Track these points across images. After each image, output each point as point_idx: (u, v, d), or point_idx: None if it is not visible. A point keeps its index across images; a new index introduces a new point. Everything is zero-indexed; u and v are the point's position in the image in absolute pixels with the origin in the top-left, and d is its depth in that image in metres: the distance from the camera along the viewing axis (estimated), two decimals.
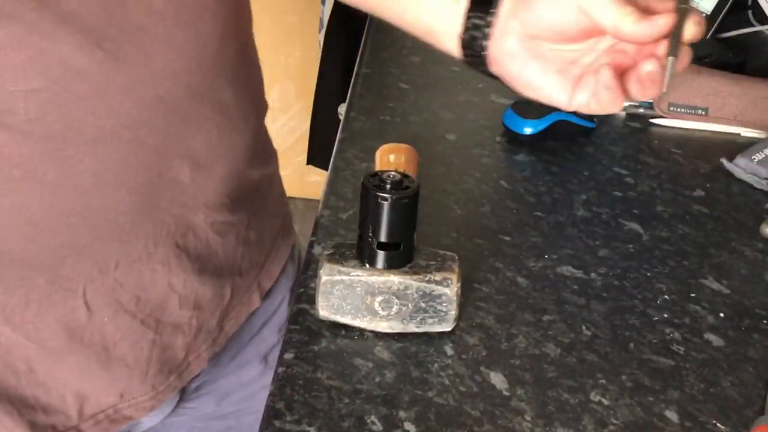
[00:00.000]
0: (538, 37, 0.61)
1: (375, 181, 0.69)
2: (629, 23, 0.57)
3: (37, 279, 0.64)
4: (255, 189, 0.78)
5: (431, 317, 0.71)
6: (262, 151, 0.80)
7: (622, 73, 0.60)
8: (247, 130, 0.73)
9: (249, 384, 0.89)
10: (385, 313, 0.70)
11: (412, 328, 0.71)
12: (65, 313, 0.66)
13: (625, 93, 0.60)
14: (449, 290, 0.70)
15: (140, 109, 0.61)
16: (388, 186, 0.68)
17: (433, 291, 0.70)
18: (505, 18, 0.62)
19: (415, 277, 0.70)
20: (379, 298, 0.70)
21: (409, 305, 0.70)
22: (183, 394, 0.81)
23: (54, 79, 0.56)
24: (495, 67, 0.65)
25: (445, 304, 0.70)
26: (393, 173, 0.69)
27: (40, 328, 0.66)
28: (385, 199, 0.68)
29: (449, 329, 0.72)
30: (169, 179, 0.65)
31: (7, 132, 0.56)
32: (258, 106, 0.77)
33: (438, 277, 0.70)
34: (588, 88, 0.61)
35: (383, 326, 0.71)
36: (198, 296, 0.74)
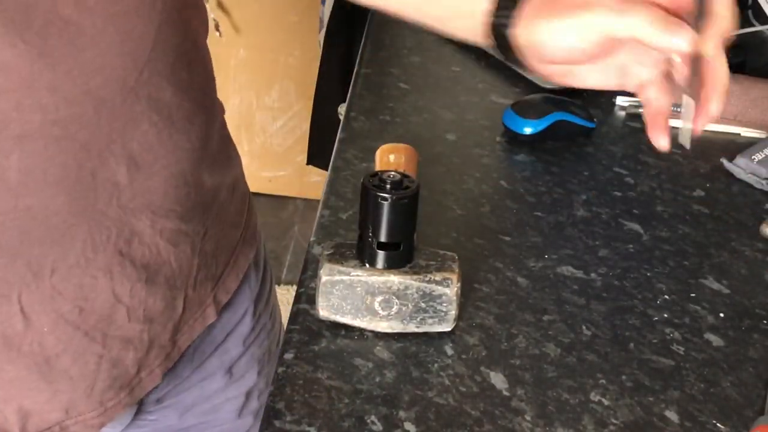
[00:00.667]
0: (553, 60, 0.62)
1: (375, 181, 0.69)
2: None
3: None
4: (212, 197, 0.76)
5: (431, 317, 0.71)
6: (219, 157, 0.77)
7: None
8: (192, 132, 0.70)
9: (212, 396, 0.87)
10: (385, 313, 0.70)
11: (412, 328, 0.71)
12: (0, 321, 0.63)
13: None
14: (449, 290, 0.70)
15: (69, 105, 0.58)
16: (388, 186, 0.68)
17: (433, 291, 0.70)
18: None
19: (415, 277, 0.70)
20: (379, 298, 0.70)
21: (409, 305, 0.70)
22: (141, 406, 0.79)
23: None
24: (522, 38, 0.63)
25: (445, 304, 0.70)
26: (393, 173, 0.69)
27: None
28: (385, 199, 0.68)
29: (449, 329, 0.72)
30: (105, 179, 0.63)
31: None
32: (207, 107, 0.74)
33: (438, 277, 0.70)
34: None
35: (383, 326, 0.71)
36: (148, 308, 0.71)
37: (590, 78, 0.64)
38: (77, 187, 0.61)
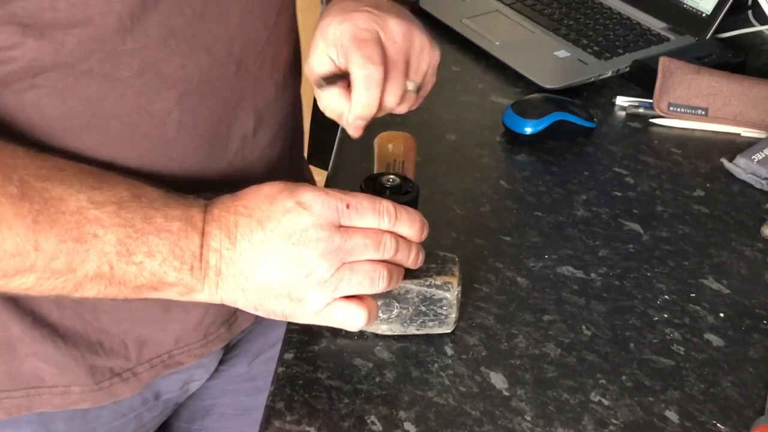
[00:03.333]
0: None
1: (374, 185, 0.69)
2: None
3: None
4: (299, 139, 0.84)
5: (431, 320, 0.71)
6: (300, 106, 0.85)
7: None
8: (296, 85, 0.77)
9: (276, 344, 0.91)
10: (385, 316, 0.70)
11: (412, 330, 0.71)
12: None
13: None
14: (449, 294, 0.70)
15: (218, 65, 0.66)
16: (387, 191, 0.68)
17: (434, 295, 0.70)
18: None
19: (415, 281, 0.70)
20: (380, 302, 0.69)
21: (410, 309, 0.70)
22: (224, 353, 0.85)
23: (154, 37, 0.61)
24: None
25: (445, 308, 0.70)
26: (392, 177, 0.69)
27: None
28: None
29: (449, 331, 0.72)
30: (236, 131, 0.70)
31: (111, 85, 0.61)
32: (300, 61, 0.79)
33: (439, 281, 0.70)
34: None
35: (383, 329, 0.71)
36: None
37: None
38: (216, 140, 0.69)
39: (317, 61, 0.69)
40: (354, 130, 0.68)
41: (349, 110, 0.68)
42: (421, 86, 0.72)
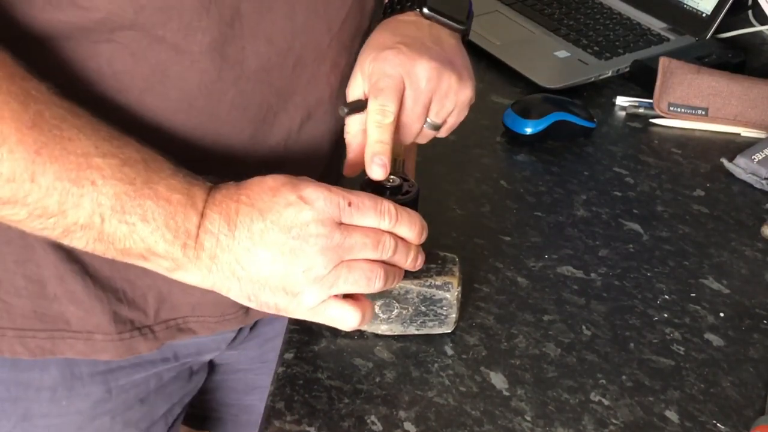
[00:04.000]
0: None
1: (375, 185, 0.69)
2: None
3: None
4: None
5: (431, 320, 0.71)
6: None
7: None
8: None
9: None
10: (385, 316, 0.70)
11: (412, 330, 0.71)
12: None
13: None
14: (449, 294, 0.70)
15: (277, 56, 0.68)
16: (387, 192, 0.68)
17: (434, 296, 0.70)
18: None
19: (415, 281, 0.70)
20: (380, 302, 0.70)
21: (410, 309, 0.70)
22: (238, 334, 0.86)
23: (224, 20, 0.63)
24: None
25: (445, 308, 0.70)
26: (393, 177, 0.69)
27: None
28: None
29: (449, 331, 0.72)
30: (282, 122, 0.71)
31: (179, 57, 0.63)
32: None
33: (439, 281, 0.70)
34: None
35: (383, 329, 0.71)
36: None
37: None
38: (262, 125, 0.70)
39: (352, 91, 0.71)
40: (374, 169, 0.68)
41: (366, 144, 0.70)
42: (442, 125, 0.74)
